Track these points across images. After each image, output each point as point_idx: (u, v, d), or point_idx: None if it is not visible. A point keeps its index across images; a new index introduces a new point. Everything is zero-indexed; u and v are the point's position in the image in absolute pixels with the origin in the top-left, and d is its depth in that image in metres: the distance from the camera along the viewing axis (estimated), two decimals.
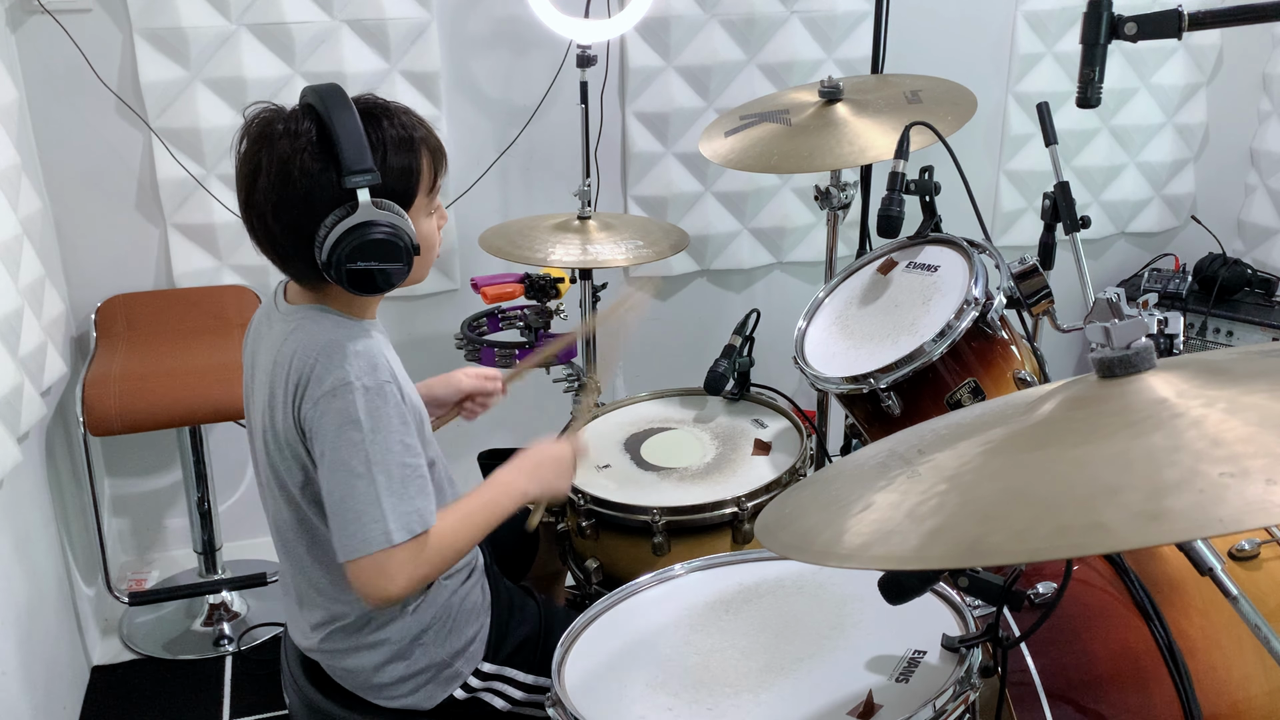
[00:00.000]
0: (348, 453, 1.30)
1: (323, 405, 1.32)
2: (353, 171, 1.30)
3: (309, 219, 1.33)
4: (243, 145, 1.36)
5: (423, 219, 1.42)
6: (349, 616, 1.45)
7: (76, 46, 2.45)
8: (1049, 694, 1.25)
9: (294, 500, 1.41)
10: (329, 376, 1.32)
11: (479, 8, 2.70)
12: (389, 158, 1.35)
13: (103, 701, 2.37)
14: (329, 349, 1.34)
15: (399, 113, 1.39)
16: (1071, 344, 3.34)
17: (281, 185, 1.32)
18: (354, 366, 1.32)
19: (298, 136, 1.32)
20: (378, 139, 1.34)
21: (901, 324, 1.80)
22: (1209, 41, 3.12)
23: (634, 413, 2.09)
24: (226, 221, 2.63)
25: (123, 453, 2.77)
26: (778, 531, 1.03)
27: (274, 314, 1.46)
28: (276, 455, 1.40)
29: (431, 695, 1.50)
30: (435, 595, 1.48)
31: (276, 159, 1.32)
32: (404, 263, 1.35)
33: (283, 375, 1.36)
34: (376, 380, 1.33)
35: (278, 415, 1.38)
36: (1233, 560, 1.36)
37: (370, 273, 1.34)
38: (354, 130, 1.31)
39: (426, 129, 1.42)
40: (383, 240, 1.32)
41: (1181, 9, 1.52)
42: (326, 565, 1.43)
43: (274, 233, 1.36)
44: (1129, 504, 0.78)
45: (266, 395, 1.40)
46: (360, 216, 1.31)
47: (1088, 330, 0.98)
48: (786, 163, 2.19)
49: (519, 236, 2.36)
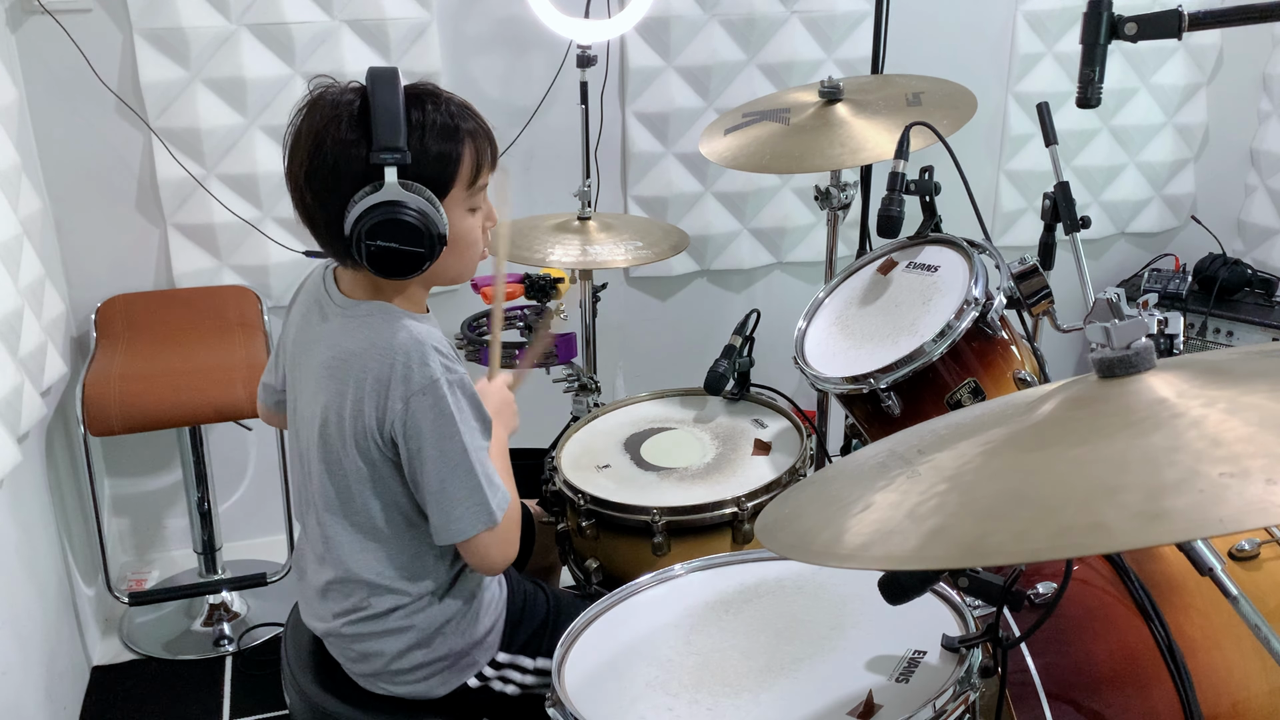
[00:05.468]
0: (448, 445, 1.37)
1: (415, 403, 1.35)
2: (382, 148, 1.31)
3: (337, 190, 1.34)
4: (297, 112, 1.38)
5: (460, 212, 1.42)
6: (376, 605, 1.47)
7: (76, 46, 2.45)
8: (1049, 694, 1.25)
9: (348, 487, 1.44)
10: (416, 375, 1.36)
11: (479, 8, 2.71)
12: (427, 142, 1.35)
13: (103, 701, 2.37)
14: (409, 347, 1.37)
15: (449, 101, 1.39)
16: (1071, 344, 3.34)
17: (314, 153, 1.34)
18: (436, 363, 1.37)
19: (338, 107, 1.34)
20: (418, 121, 1.34)
21: (901, 324, 1.80)
22: (1209, 41, 3.12)
23: (634, 413, 2.09)
24: (226, 221, 2.63)
25: (123, 453, 2.77)
26: (778, 531, 1.03)
27: (327, 305, 1.47)
28: (339, 444, 1.42)
29: (446, 682, 1.52)
30: (461, 586, 1.51)
31: (313, 126, 1.34)
32: (425, 249, 1.35)
33: (357, 372, 1.38)
34: (457, 373, 1.39)
35: (347, 408, 1.39)
36: (1233, 560, 1.36)
37: (390, 254, 1.34)
38: (392, 109, 1.32)
39: (478, 122, 1.41)
40: (404, 222, 1.33)
41: (1181, 9, 1.52)
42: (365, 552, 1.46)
43: (307, 200, 1.38)
44: (1129, 504, 0.78)
45: (332, 387, 1.41)
46: (384, 195, 1.32)
47: (1088, 330, 0.98)
48: (786, 163, 2.20)
49: (519, 236, 2.36)
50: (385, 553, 1.46)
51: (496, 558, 1.44)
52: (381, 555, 1.46)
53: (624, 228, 2.43)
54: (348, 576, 1.48)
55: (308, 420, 1.47)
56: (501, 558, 1.45)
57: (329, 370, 1.42)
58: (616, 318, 3.01)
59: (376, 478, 1.43)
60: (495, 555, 1.43)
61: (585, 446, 1.98)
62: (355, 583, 1.47)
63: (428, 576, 1.48)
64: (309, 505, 1.52)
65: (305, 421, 1.48)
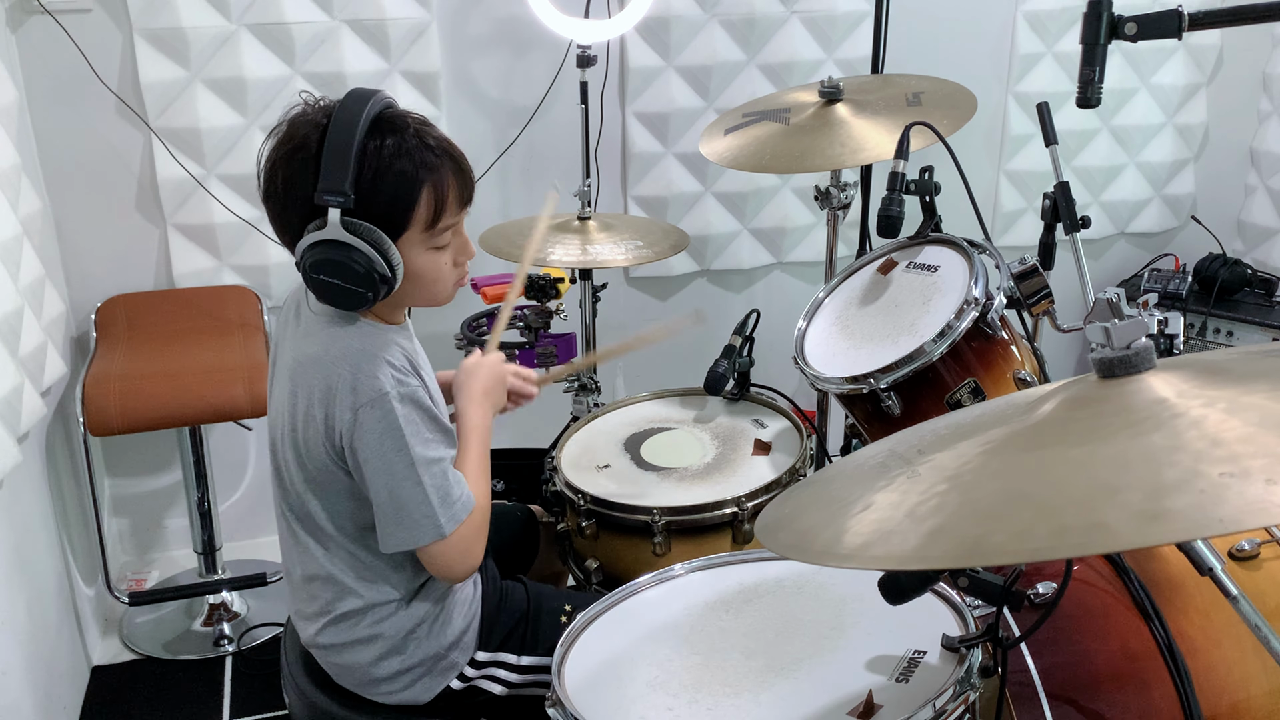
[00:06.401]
0: (393, 459, 1.35)
1: (362, 415, 1.35)
2: (326, 190, 1.31)
3: (288, 219, 1.36)
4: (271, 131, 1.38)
5: (419, 252, 1.38)
6: (341, 607, 1.47)
7: (76, 46, 2.45)
8: (1049, 694, 1.25)
9: (297, 491, 1.44)
10: (365, 387, 1.35)
11: (479, 8, 2.71)
12: (379, 184, 1.32)
13: (103, 701, 2.37)
14: (359, 358, 1.36)
15: (419, 135, 1.36)
16: (1071, 344, 3.34)
17: (269, 183, 1.36)
18: (386, 375, 1.36)
19: (299, 138, 1.33)
20: (372, 158, 1.32)
21: (901, 324, 1.80)
22: (1209, 41, 3.13)
23: (634, 413, 2.09)
24: (226, 221, 2.63)
25: (123, 453, 2.77)
26: (778, 531, 1.03)
27: (302, 307, 1.47)
28: (290, 449, 1.42)
29: (429, 688, 1.51)
30: (430, 589, 1.50)
31: (273, 155, 1.35)
32: (366, 289, 1.34)
33: (307, 377, 1.38)
34: (409, 386, 1.37)
35: (298, 413, 1.39)
36: (1233, 560, 1.36)
37: (334, 288, 1.34)
38: (344, 146, 1.30)
39: (444, 160, 1.37)
40: (343, 262, 1.32)
41: (1181, 9, 1.52)
42: (326, 552, 1.46)
43: (273, 223, 1.40)
44: (1129, 504, 0.78)
45: (287, 391, 1.41)
46: (326, 234, 1.32)
47: (1088, 330, 0.98)
48: (786, 163, 2.19)
49: (519, 236, 2.36)
50: (338, 556, 1.46)
51: (457, 568, 1.42)
52: (335, 558, 1.46)
53: (624, 228, 2.43)
54: (313, 575, 1.48)
55: (273, 421, 1.48)
56: (462, 568, 1.43)
57: (289, 373, 1.42)
58: (616, 318, 3.01)
59: (324, 483, 1.42)
60: (454, 565, 1.42)
61: (585, 446, 1.98)
62: (319, 581, 1.48)
63: (384, 582, 1.47)
64: (277, 504, 1.53)
65: (271, 422, 1.49)
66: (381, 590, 1.47)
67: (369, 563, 1.46)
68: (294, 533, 1.49)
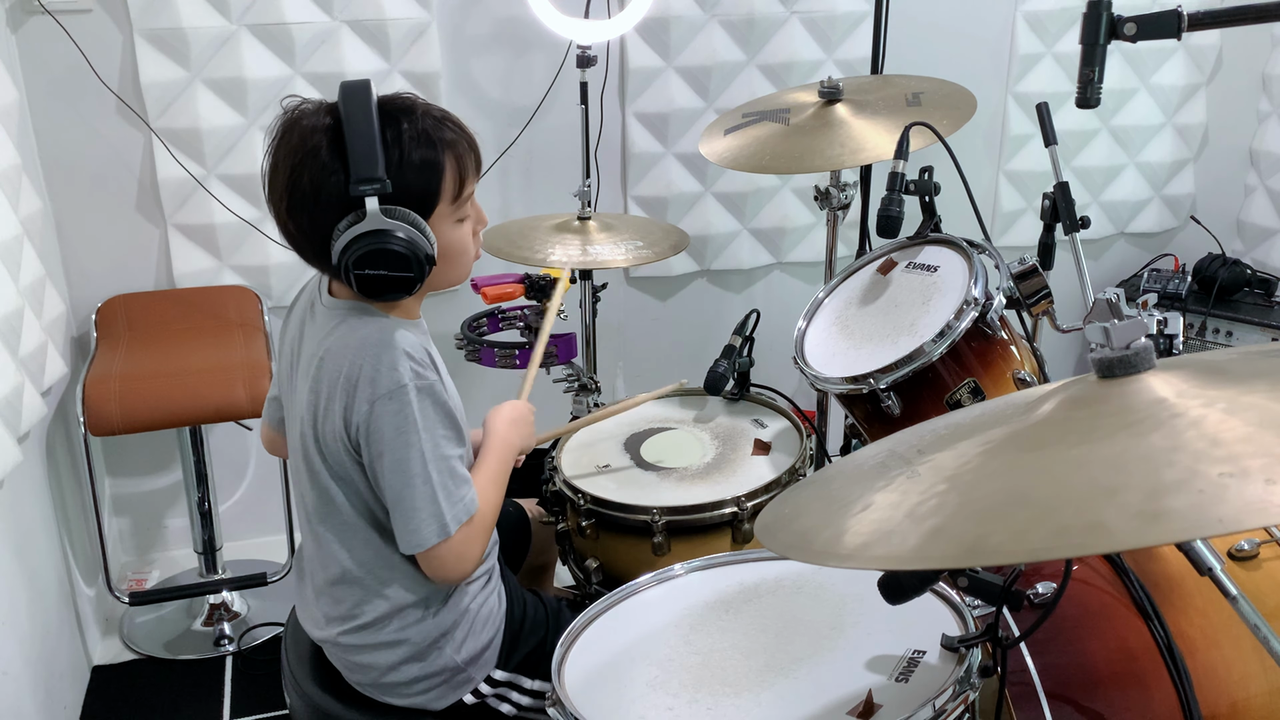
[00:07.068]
0: (406, 453, 1.35)
1: (379, 408, 1.34)
2: (360, 180, 1.30)
3: (321, 221, 1.34)
4: (272, 139, 1.37)
5: (448, 226, 1.41)
6: (367, 612, 1.46)
7: (76, 46, 2.45)
8: (1049, 694, 1.25)
9: (325, 488, 1.43)
10: (383, 379, 1.35)
11: (479, 8, 2.71)
12: (406, 164, 1.33)
13: (103, 701, 2.37)
14: (379, 350, 1.36)
15: (425, 114, 1.37)
16: (1071, 344, 3.35)
17: (293, 186, 1.33)
18: (405, 368, 1.35)
19: (313, 134, 1.32)
20: (395, 144, 1.33)
21: (901, 324, 1.80)
22: (1209, 42, 3.12)
23: (634, 413, 2.09)
24: (227, 222, 2.63)
25: (123, 453, 2.77)
26: (778, 531, 1.03)
27: (318, 305, 1.47)
28: (313, 444, 1.42)
29: (442, 697, 1.51)
30: (457, 599, 1.49)
31: (290, 158, 1.33)
32: (415, 273, 1.35)
33: (329, 371, 1.38)
34: (427, 380, 1.37)
35: (320, 408, 1.39)
36: (1232, 560, 1.36)
37: (381, 279, 1.34)
38: (366, 135, 1.30)
39: (456, 132, 1.39)
40: (391, 250, 1.32)
41: (1181, 9, 1.52)
42: (352, 552, 1.45)
43: (291, 230, 1.38)
44: (1128, 504, 0.78)
45: (309, 386, 1.41)
46: (367, 225, 1.31)
47: (1087, 330, 0.98)
48: (786, 163, 2.19)
49: (519, 237, 2.36)
50: (364, 556, 1.45)
51: (450, 569, 1.41)
52: (360, 559, 1.45)
53: (624, 228, 2.43)
54: (337, 578, 1.47)
55: (296, 419, 1.47)
56: (456, 571, 1.42)
57: (310, 368, 1.42)
58: (616, 318, 3.01)
59: (347, 478, 1.42)
60: (449, 566, 1.40)
61: (585, 446, 1.98)
62: (344, 584, 1.47)
63: (410, 582, 1.46)
64: (300, 506, 1.52)
65: (295, 421, 1.48)
66: (409, 591, 1.46)
67: (394, 563, 1.45)
68: (317, 535, 1.48)
